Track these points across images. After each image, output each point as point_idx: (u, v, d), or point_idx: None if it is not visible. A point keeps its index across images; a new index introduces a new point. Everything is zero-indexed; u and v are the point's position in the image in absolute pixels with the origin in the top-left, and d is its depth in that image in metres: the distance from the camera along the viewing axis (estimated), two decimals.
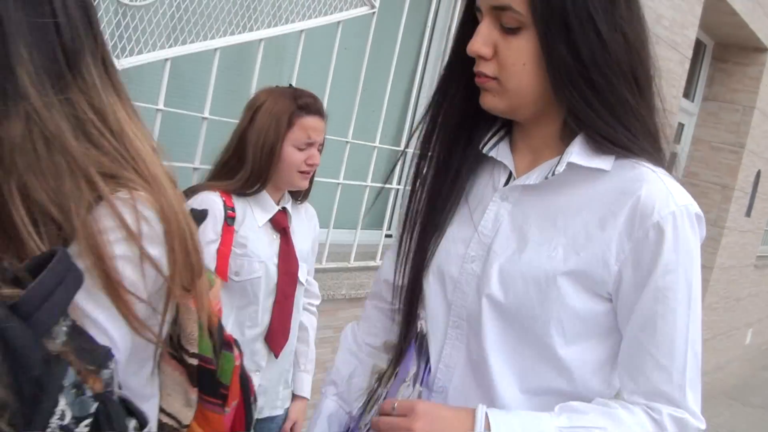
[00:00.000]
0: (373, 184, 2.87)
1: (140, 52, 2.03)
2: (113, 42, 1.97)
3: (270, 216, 1.93)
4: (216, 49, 2.17)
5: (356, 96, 2.66)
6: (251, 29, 2.26)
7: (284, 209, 1.98)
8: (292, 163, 1.87)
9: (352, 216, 3.04)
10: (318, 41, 2.79)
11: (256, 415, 1.98)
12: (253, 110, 1.87)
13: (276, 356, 1.97)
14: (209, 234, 1.80)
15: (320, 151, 1.96)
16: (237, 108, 2.56)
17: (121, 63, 1.97)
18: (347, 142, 2.67)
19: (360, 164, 3.06)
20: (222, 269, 1.82)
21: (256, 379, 1.96)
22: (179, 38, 2.12)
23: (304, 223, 2.09)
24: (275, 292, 1.92)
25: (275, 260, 1.92)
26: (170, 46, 2.11)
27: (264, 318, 1.92)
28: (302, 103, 1.86)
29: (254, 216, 1.90)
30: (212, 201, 1.82)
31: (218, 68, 2.20)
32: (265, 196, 1.93)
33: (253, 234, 1.89)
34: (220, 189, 1.86)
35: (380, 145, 2.82)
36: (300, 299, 2.04)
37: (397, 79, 2.87)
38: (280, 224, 1.95)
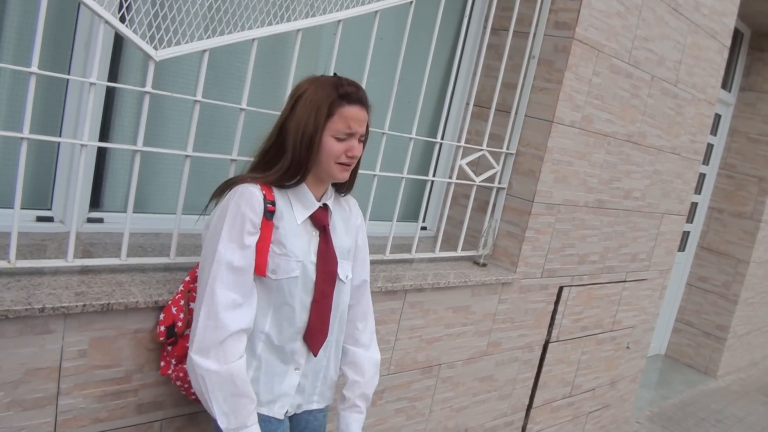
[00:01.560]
0: (409, 176, 2.84)
1: (178, 43, 2.02)
2: (150, 33, 1.96)
3: (310, 213, 1.90)
4: (254, 40, 2.14)
5: (393, 87, 2.62)
6: (288, 19, 2.23)
7: (325, 206, 1.94)
8: (330, 154, 1.82)
9: (387, 208, 3.02)
10: (354, 31, 2.76)
11: (294, 411, 1.99)
12: (294, 99, 1.83)
13: (315, 355, 1.96)
14: (246, 230, 1.77)
15: (363, 142, 1.91)
16: (274, 99, 2.56)
17: (159, 54, 1.96)
18: (383, 133, 2.64)
19: (396, 156, 3.03)
20: (261, 264, 1.80)
21: (296, 377, 1.95)
22: (217, 29, 2.10)
23: (347, 219, 2.05)
24: (313, 291, 1.90)
25: (313, 259, 1.89)
26: (208, 37, 2.09)
27: (302, 317, 1.89)
28: (343, 92, 1.80)
29: (293, 213, 1.87)
30: (251, 194, 1.79)
31: (255, 59, 2.17)
32: (305, 191, 1.89)
33: (291, 232, 1.85)
34: (260, 181, 1.83)
35: (416, 137, 2.79)
36: (342, 297, 2.00)
37: (432, 70, 2.83)
38: (320, 222, 1.92)
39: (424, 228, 3.46)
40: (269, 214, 1.81)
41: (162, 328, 1.98)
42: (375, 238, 2.96)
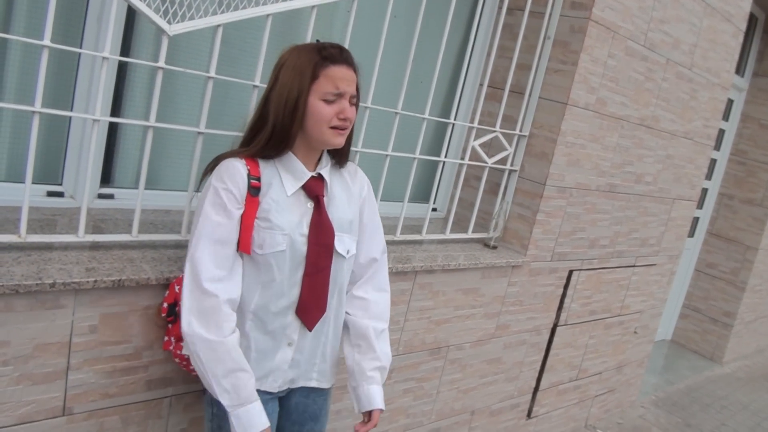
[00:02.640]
0: (422, 157, 2.81)
1: (191, 18, 1.99)
2: (164, 7, 1.93)
3: (301, 184, 1.83)
4: (268, 15, 2.12)
5: (407, 66, 2.59)
6: None
7: (319, 175, 1.88)
8: (320, 117, 1.75)
9: (399, 188, 3.00)
10: (368, 8, 2.73)
11: (288, 385, 1.97)
12: (277, 69, 1.78)
13: (309, 329, 1.91)
14: (228, 206, 1.74)
15: (355, 105, 1.82)
16: None
17: (173, 29, 1.93)
18: (396, 113, 2.62)
19: (408, 136, 3.01)
20: (245, 241, 1.76)
21: (289, 352, 1.92)
22: (231, 4, 2.07)
23: (348, 189, 1.98)
24: (304, 265, 1.84)
25: (304, 231, 1.83)
26: (222, 12, 2.06)
27: (293, 291, 1.85)
28: (326, 54, 1.74)
29: (283, 185, 1.81)
30: (234, 168, 1.75)
31: (268, 35, 2.15)
32: (293, 160, 1.83)
33: (278, 205, 1.80)
34: (245, 155, 1.79)
35: (429, 117, 2.76)
36: (341, 271, 1.94)
37: (446, 50, 2.79)
38: (312, 192, 1.85)
39: (434, 209, 3.44)
40: (253, 190, 1.76)
41: (165, 305, 1.97)
42: (385, 218, 2.94)
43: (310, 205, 1.86)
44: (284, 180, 1.82)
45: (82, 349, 1.88)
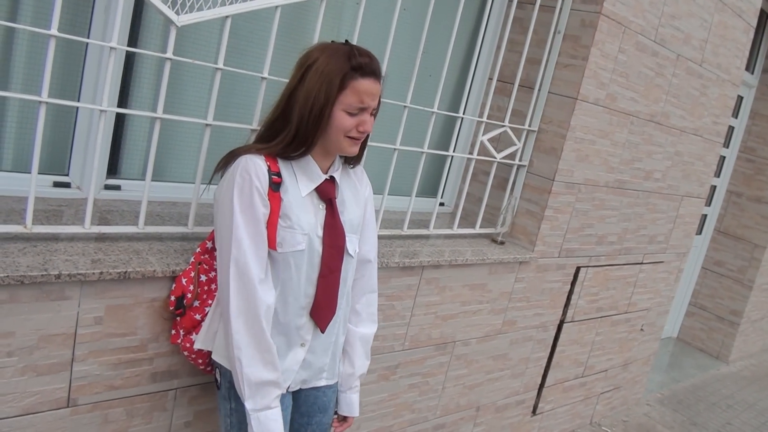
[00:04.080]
0: (430, 151, 2.79)
1: (200, 9, 1.97)
2: None
3: (315, 185, 1.84)
4: (277, 7, 2.10)
5: (415, 59, 2.57)
6: None
7: (332, 178, 1.88)
8: (341, 128, 1.75)
9: (406, 183, 2.98)
10: (378, 1, 2.71)
11: (300, 386, 1.97)
12: (304, 68, 1.75)
13: (322, 331, 1.92)
14: (257, 202, 1.72)
15: (374, 115, 1.83)
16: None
17: (181, 20, 1.92)
18: (405, 106, 2.60)
19: (416, 130, 2.99)
20: (272, 238, 1.76)
21: (301, 353, 1.92)
22: None
23: (355, 191, 2.00)
24: (320, 266, 1.85)
25: (320, 232, 1.84)
26: (230, 3, 2.04)
27: (308, 292, 1.85)
28: (356, 64, 1.71)
29: (298, 185, 1.81)
30: (256, 164, 1.74)
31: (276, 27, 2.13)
32: (310, 163, 1.83)
33: (296, 204, 1.80)
34: (264, 152, 1.77)
35: (438, 111, 2.74)
36: (349, 272, 1.96)
37: (455, 43, 2.77)
38: (326, 194, 1.86)
39: (441, 204, 3.42)
40: (275, 185, 1.75)
41: (172, 298, 1.96)
42: (392, 212, 2.93)
43: (321, 206, 1.86)
44: (299, 181, 1.82)
45: (88, 341, 1.87)
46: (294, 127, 1.75)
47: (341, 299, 1.95)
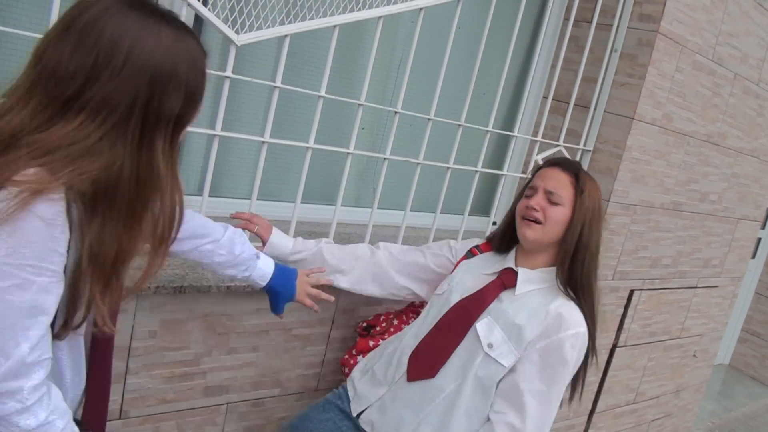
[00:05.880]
0: (484, 170, 2.77)
1: (259, 28, 1.99)
2: (233, 17, 1.93)
3: (501, 268, 1.95)
4: (335, 26, 2.10)
5: (471, 78, 2.55)
6: (370, 6, 2.18)
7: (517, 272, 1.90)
8: (518, 211, 1.95)
9: (460, 201, 2.95)
10: (433, 20, 2.70)
11: (368, 429, 1.94)
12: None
13: (407, 379, 1.89)
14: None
15: (555, 203, 1.88)
16: (350, 86, 2.52)
17: (240, 39, 1.93)
18: (459, 125, 2.58)
19: (470, 148, 2.97)
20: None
21: (381, 391, 1.94)
22: (298, 14, 2.07)
23: (542, 311, 1.83)
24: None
25: (466, 294, 1.92)
26: (289, 23, 2.06)
27: (420, 335, 1.98)
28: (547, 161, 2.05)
29: (486, 264, 2.02)
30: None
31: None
32: (511, 255, 2.00)
33: (468, 268, 2.03)
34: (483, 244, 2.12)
35: (492, 129, 2.71)
36: (474, 362, 1.82)
37: (510, 62, 2.75)
38: (502, 278, 1.90)
39: (494, 223, 3.38)
40: (469, 254, 2.11)
41: (364, 324, 2.29)
42: (445, 231, 2.91)
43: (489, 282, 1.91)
44: (493, 262, 1.99)
45: (141, 354, 1.88)
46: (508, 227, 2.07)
47: (451, 378, 1.85)
